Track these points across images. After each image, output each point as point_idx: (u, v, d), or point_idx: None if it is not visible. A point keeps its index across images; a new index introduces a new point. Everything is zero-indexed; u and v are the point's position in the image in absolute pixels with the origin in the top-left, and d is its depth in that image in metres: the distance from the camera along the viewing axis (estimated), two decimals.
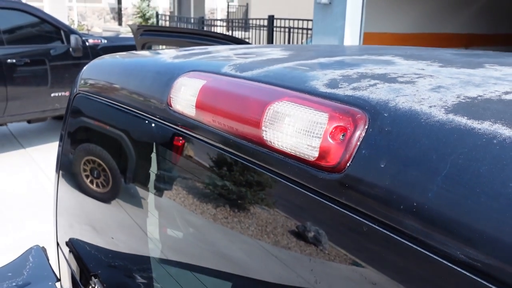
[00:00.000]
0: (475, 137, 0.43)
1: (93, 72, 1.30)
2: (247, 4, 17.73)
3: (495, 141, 0.42)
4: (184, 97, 0.78)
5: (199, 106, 0.74)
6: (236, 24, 15.01)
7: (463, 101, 0.51)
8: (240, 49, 1.14)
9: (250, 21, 14.24)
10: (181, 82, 0.81)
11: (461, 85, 0.57)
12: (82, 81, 1.33)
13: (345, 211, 0.52)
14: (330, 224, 0.55)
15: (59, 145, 1.50)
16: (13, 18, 5.62)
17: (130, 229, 1.22)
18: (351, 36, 7.95)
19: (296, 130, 0.56)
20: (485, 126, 0.44)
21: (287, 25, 11.70)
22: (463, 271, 0.40)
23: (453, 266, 0.41)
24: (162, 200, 1.01)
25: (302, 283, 0.60)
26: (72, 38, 5.85)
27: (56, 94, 5.72)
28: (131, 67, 1.13)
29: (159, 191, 1.03)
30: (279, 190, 0.64)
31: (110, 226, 1.37)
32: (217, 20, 15.60)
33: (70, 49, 5.85)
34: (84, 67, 1.36)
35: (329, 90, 0.60)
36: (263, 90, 0.66)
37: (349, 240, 0.53)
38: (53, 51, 5.87)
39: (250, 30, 13.52)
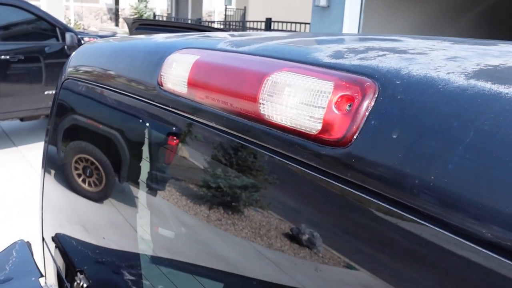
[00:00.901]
0: (503, 101, 0.38)
1: (82, 57, 1.24)
2: (245, 7, 17.69)
3: None
4: (176, 74, 0.72)
5: (191, 82, 0.68)
6: (234, 26, 14.97)
7: (485, 68, 0.46)
8: (239, 32, 1.09)
9: (248, 24, 14.20)
10: (172, 59, 0.75)
11: (478, 56, 0.52)
12: (71, 67, 1.27)
13: (352, 190, 0.46)
14: (335, 205, 0.50)
15: (45, 141, 1.43)
16: (8, 14, 5.55)
17: (119, 222, 1.16)
18: None
19: (297, 101, 0.51)
20: None
21: (284, 28, 11.67)
22: (489, 252, 0.35)
23: (477, 247, 0.35)
24: (158, 189, 0.95)
25: (306, 269, 0.54)
26: (68, 35, 5.79)
27: (50, 92, 5.64)
28: (122, 49, 1.07)
29: (154, 179, 0.97)
30: (278, 169, 0.58)
31: (101, 225, 1.31)
32: (214, 22, 15.56)
33: (65, 46, 5.78)
34: (73, 52, 1.30)
35: (334, 61, 0.55)
36: (261, 63, 0.60)
37: (357, 221, 0.47)
38: (48, 48, 5.80)
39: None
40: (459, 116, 0.39)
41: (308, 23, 9.35)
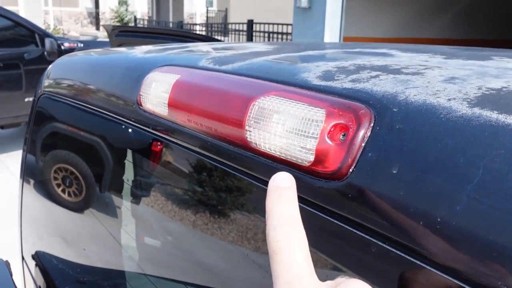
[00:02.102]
0: None
1: (59, 71, 1.18)
2: (226, 9, 17.64)
3: None
4: (155, 94, 0.68)
5: (172, 104, 0.64)
6: (215, 28, 14.90)
7: (487, 93, 0.42)
8: (220, 44, 1.05)
9: (229, 26, 14.16)
10: (151, 78, 0.70)
11: (477, 76, 0.49)
12: (47, 81, 1.21)
13: (348, 227, 0.43)
14: (329, 243, 0.46)
15: (23, 149, 1.38)
16: None
17: (103, 239, 1.11)
18: (331, 40, 7.95)
19: (286, 129, 0.47)
20: None
21: (266, 29, 11.66)
22: None
23: None
24: (137, 207, 0.90)
25: None
26: (47, 41, 5.69)
27: (31, 99, 5.52)
28: (100, 63, 1.02)
29: (131, 198, 0.93)
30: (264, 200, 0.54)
31: (81, 236, 1.26)
32: (196, 24, 15.48)
33: (45, 52, 5.68)
34: (50, 66, 1.24)
35: (324, 83, 0.51)
36: (246, 84, 0.56)
37: (353, 262, 0.44)
38: (27, 54, 5.69)
39: (229, 34, 13.44)
40: (466, 151, 0.36)
41: (290, 24, 9.36)
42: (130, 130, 0.82)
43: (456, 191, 0.35)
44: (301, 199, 0.47)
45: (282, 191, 0.36)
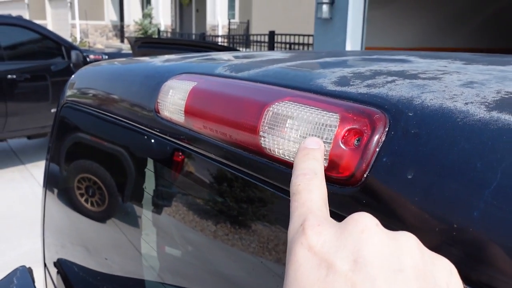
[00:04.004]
0: None
1: (81, 80, 1.21)
2: (248, 20, 17.77)
3: None
4: (172, 101, 0.68)
5: (188, 111, 0.64)
6: (237, 40, 15.02)
7: (506, 96, 0.41)
8: (237, 53, 1.05)
9: (251, 37, 14.25)
10: (169, 85, 0.71)
11: (497, 81, 0.48)
12: (70, 91, 1.24)
13: None
14: None
15: (46, 159, 1.40)
16: (14, 34, 5.60)
17: (124, 248, 1.12)
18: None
19: (300, 134, 0.46)
20: None
21: (288, 40, 11.69)
22: None
23: None
24: (157, 216, 0.91)
25: None
26: (73, 53, 5.83)
27: None
28: (120, 72, 1.04)
29: (151, 207, 0.93)
30: (281, 207, 0.54)
31: (104, 245, 1.27)
32: (218, 36, 15.64)
33: (71, 64, 5.81)
34: (73, 75, 1.27)
35: (339, 88, 0.50)
36: (261, 90, 0.56)
37: None
38: (54, 66, 5.84)
39: (251, 46, 13.52)
40: (483, 155, 0.35)
41: (312, 35, 9.36)
42: (148, 137, 0.83)
43: (473, 196, 0.34)
44: None
45: (308, 151, 0.40)
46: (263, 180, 0.56)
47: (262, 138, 0.51)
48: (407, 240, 0.31)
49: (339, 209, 0.44)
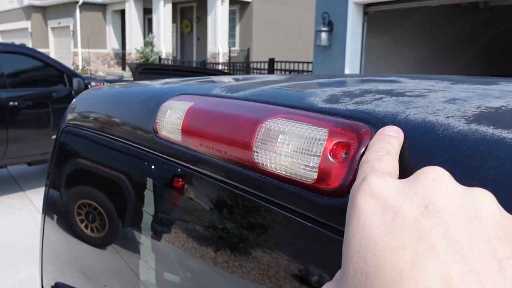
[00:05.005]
0: (507, 148, 0.35)
1: (82, 104, 1.23)
2: (248, 48, 18.04)
3: None
4: (170, 121, 0.70)
5: (186, 130, 0.66)
6: (238, 67, 15.22)
7: (485, 111, 0.43)
8: (234, 76, 1.08)
9: (251, 64, 14.44)
10: (167, 106, 0.74)
11: (479, 97, 0.50)
12: (71, 114, 1.27)
13: None
14: (333, 261, 0.47)
15: (46, 184, 1.41)
16: (17, 62, 5.68)
17: (124, 275, 1.12)
18: None
19: (291, 149, 0.49)
20: None
21: (287, 67, 11.85)
22: None
23: None
24: (157, 242, 0.92)
25: None
26: (75, 81, 5.91)
27: None
28: (120, 95, 1.07)
29: (151, 232, 0.94)
30: (274, 219, 0.55)
31: (103, 272, 1.27)
32: (219, 64, 15.84)
33: (73, 91, 5.88)
34: (74, 99, 1.30)
35: (329, 106, 0.53)
36: (255, 109, 0.58)
37: None
38: (56, 94, 5.91)
39: (251, 73, 13.68)
40: (461, 164, 0.37)
41: (311, 62, 9.49)
42: (147, 158, 0.85)
43: None
44: (305, 217, 0.48)
45: (385, 136, 0.40)
46: (258, 195, 0.57)
47: (256, 154, 0.53)
48: (483, 194, 0.29)
49: (328, 220, 0.46)
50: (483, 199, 0.29)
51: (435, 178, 0.29)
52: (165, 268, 0.94)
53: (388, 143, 0.39)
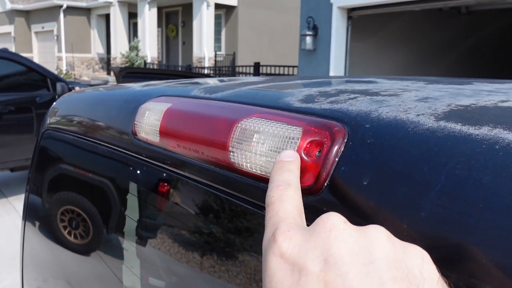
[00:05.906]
0: (473, 143, 0.36)
1: (63, 107, 1.22)
2: (234, 53, 18.05)
3: (497, 147, 0.35)
4: (148, 122, 0.70)
5: (163, 131, 0.66)
6: (223, 71, 15.21)
7: (455, 108, 0.44)
8: (217, 78, 1.08)
9: (237, 69, 14.45)
10: (145, 107, 0.73)
11: (450, 96, 0.51)
12: (51, 118, 1.25)
13: None
14: None
15: (26, 190, 1.40)
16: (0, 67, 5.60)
17: (108, 281, 1.10)
18: None
19: (266, 148, 0.49)
20: (484, 131, 0.37)
21: (273, 71, 11.88)
22: None
23: None
24: (141, 248, 0.91)
25: None
26: (58, 85, 5.84)
27: None
28: (101, 98, 1.06)
29: (135, 238, 0.93)
30: (252, 219, 0.55)
31: (87, 279, 1.25)
32: (204, 68, 15.82)
33: (56, 96, 5.82)
34: (54, 103, 1.29)
35: (304, 105, 0.53)
36: (231, 109, 0.59)
37: None
38: (39, 98, 5.84)
39: (237, 76, 13.68)
40: (430, 160, 0.37)
41: (296, 66, 9.53)
42: (126, 160, 0.84)
43: (420, 197, 0.36)
44: None
45: (283, 164, 0.41)
46: (236, 195, 0.57)
47: (232, 153, 0.53)
48: (376, 232, 0.32)
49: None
50: (376, 238, 0.31)
51: (331, 228, 0.32)
52: (149, 272, 0.93)
53: (287, 170, 0.41)
